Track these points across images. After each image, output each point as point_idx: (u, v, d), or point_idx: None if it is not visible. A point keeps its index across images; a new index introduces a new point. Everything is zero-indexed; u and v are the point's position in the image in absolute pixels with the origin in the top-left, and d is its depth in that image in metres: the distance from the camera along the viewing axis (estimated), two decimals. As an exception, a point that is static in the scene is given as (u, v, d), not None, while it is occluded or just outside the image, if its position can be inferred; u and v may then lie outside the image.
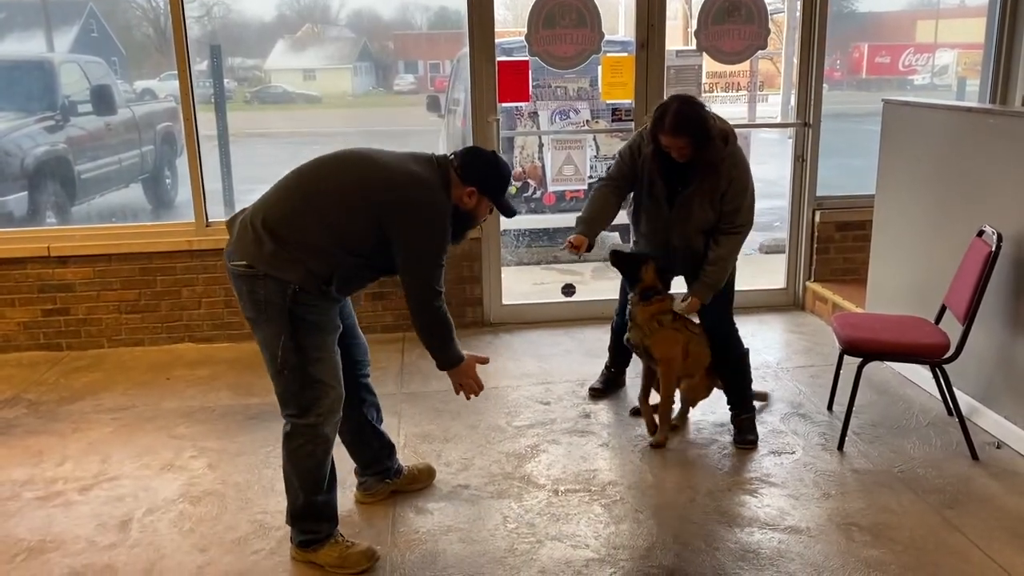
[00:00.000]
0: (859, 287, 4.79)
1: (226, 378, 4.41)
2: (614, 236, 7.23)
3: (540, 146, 6.70)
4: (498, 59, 4.81)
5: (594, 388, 4.10)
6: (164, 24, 6.04)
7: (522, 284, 6.11)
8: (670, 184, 3.39)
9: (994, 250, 3.23)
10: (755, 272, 5.82)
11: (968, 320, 3.30)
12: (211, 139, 5.46)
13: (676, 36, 7.81)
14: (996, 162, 3.57)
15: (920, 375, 4.06)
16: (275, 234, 2.51)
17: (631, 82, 4.95)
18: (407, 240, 2.57)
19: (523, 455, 3.50)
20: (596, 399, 4.04)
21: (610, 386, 4.09)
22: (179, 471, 3.42)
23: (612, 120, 5.30)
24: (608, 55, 5.06)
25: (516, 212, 2.82)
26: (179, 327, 4.90)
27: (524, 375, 4.36)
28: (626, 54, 5.06)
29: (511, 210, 2.79)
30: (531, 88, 5.23)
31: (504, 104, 4.98)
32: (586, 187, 5.98)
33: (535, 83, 6.14)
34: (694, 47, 5.10)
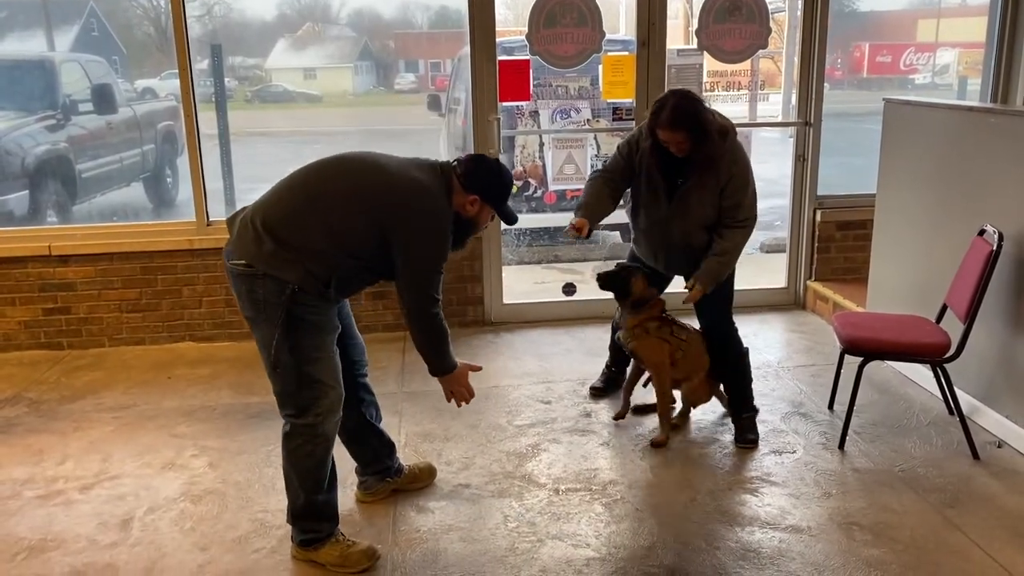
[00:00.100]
0: (860, 286, 4.79)
1: (227, 377, 4.41)
2: (614, 236, 7.24)
3: (541, 145, 6.70)
4: (499, 58, 4.81)
5: (595, 387, 4.10)
6: (165, 23, 6.04)
7: (523, 283, 6.11)
8: (668, 179, 3.39)
9: (995, 249, 3.23)
10: (756, 271, 5.82)
11: (969, 319, 3.30)
12: (212, 138, 5.47)
13: (677, 35, 7.81)
14: (997, 161, 3.57)
15: (921, 374, 4.06)
16: (275, 234, 2.50)
17: (632, 81, 4.95)
18: (407, 246, 2.57)
19: (524, 454, 3.50)
20: (597, 398, 4.04)
21: (611, 385, 4.08)
22: (180, 470, 3.42)
23: (613, 119, 5.29)
24: (609, 54, 5.06)
25: (517, 219, 2.83)
26: (180, 326, 4.90)
27: (525, 374, 4.37)
28: (627, 53, 5.06)
29: (513, 217, 2.79)
30: (532, 87, 5.23)
31: (505, 103, 4.98)
32: (586, 186, 5.97)
33: (536, 82, 6.14)
34: (695, 46, 5.09)
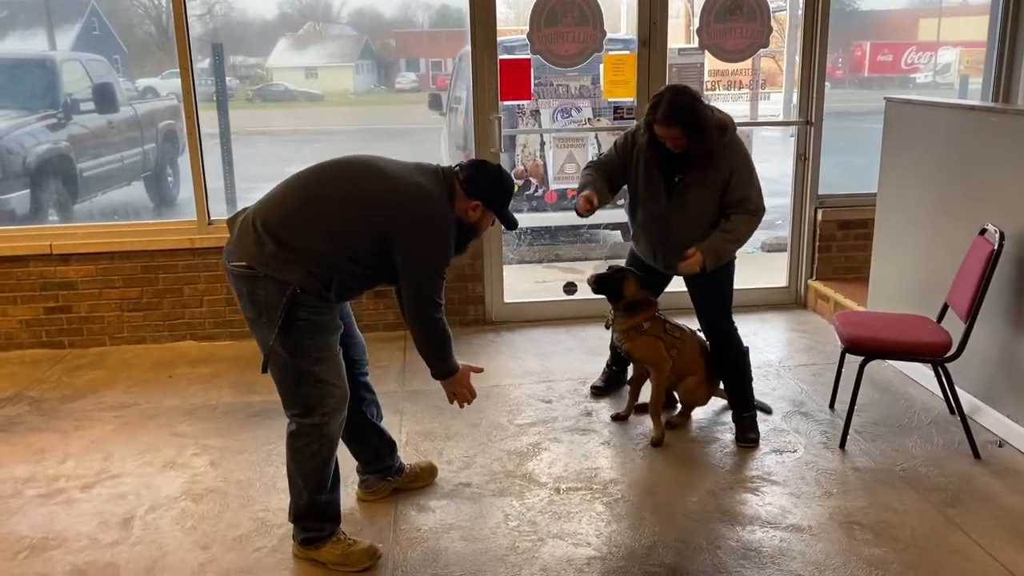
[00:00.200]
0: (861, 285, 4.79)
1: (228, 376, 4.41)
2: (615, 235, 7.24)
3: (542, 144, 6.71)
4: (500, 57, 4.81)
5: (596, 386, 4.10)
6: (166, 22, 6.04)
7: (524, 282, 6.11)
8: (666, 174, 3.39)
9: (996, 248, 3.22)
10: (757, 270, 5.82)
11: (970, 319, 3.30)
12: (213, 137, 5.48)
13: (678, 34, 7.81)
14: (998, 161, 3.56)
15: (922, 373, 4.06)
16: (275, 235, 2.50)
17: (633, 80, 4.95)
18: (409, 252, 2.57)
19: (525, 453, 3.50)
20: (598, 397, 4.04)
21: (612, 384, 4.08)
22: (181, 469, 3.42)
23: (614, 118, 5.28)
24: (610, 53, 5.05)
25: (517, 224, 2.85)
26: (181, 325, 4.90)
27: (526, 373, 4.37)
28: (628, 52, 5.05)
29: (513, 222, 2.81)
30: (533, 86, 5.23)
31: (506, 102, 4.97)
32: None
33: (537, 81, 6.14)
34: (696, 45, 5.09)
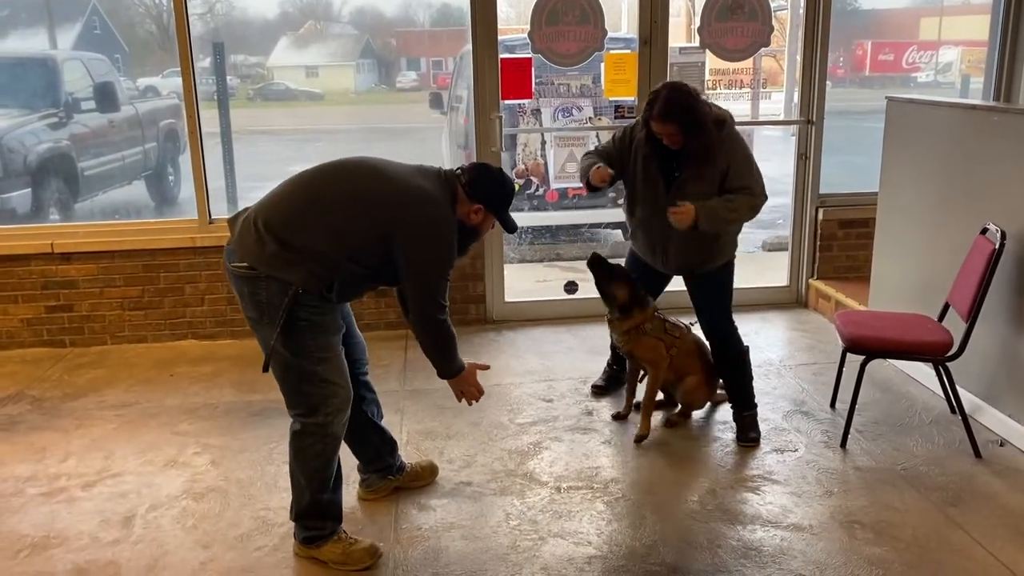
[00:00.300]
0: (862, 285, 4.78)
1: (229, 375, 4.42)
2: (616, 234, 7.24)
3: (543, 143, 6.70)
4: (501, 56, 4.81)
5: (596, 385, 4.10)
6: (167, 21, 6.04)
7: (525, 281, 6.11)
8: (665, 170, 3.39)
9: (997, 248, 3.22)
10: (758, 270, 5.82)
11: (971, 318, 3.29)
12: (214, 136, 5.48)
13: (679, 33, 7.81)
14: (1000, 160, 3.56)
15: (923, 373, 4.06)
16: (277, 235, 2.50)
17: (634, 79, 4.94)
18: (412, 255, 2.57)
19: (525, 452, 3.50)
20: (598, 396, 4.04)
21: (612, 383, 4.08)
22: (182, 467, 3.42)
23: (615, 117, 5.29)
24: (611, 52, 5.05)
25: (517, 227, 2.86)
26: (182, 324, 4.90)
27: (527, 372, 4.37)
28: (629, 51, 5.05)
29: (513, 226, 2.82)
30: (534, 85, 5.23)
31: (507, 101, 4.98)
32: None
33: (538, 80, 6.14)
34: (697, 44, 5.09)
